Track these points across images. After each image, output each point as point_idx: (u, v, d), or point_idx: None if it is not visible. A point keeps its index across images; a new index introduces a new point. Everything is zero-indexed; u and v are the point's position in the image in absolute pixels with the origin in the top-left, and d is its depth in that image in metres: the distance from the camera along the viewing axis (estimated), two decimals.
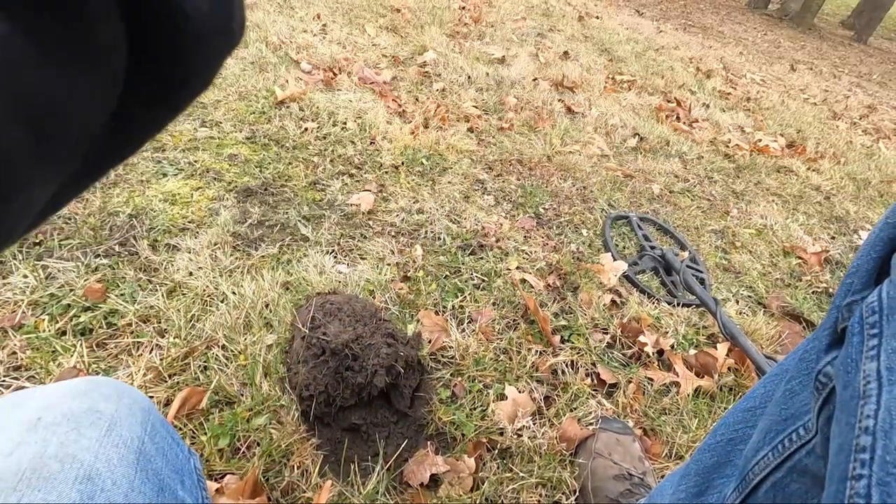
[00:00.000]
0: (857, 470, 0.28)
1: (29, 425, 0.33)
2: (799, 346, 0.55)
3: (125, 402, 0.38)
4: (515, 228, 1.41)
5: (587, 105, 2.39)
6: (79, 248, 1.00)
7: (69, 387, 0.37)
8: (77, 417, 0.34)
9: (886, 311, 0.33)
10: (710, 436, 0.60)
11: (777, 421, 0.53)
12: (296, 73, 1.90)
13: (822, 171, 2.36)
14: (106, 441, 0.34)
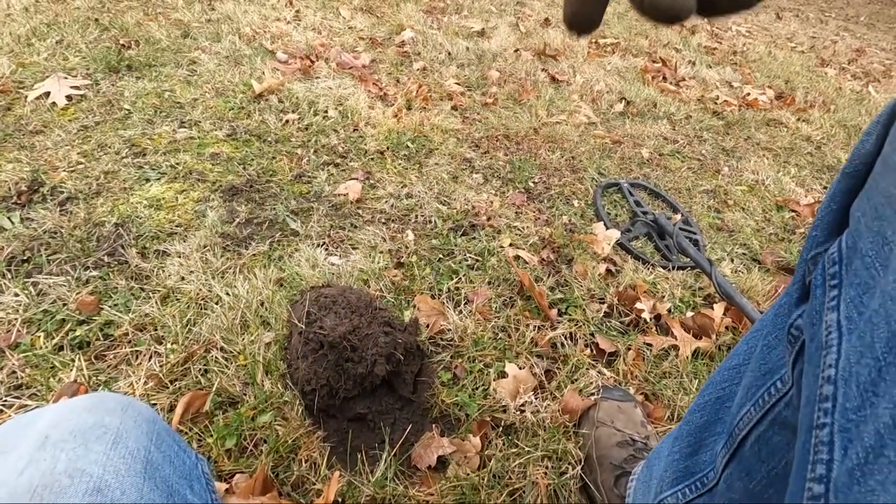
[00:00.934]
0: (821, 419, 0.29)
1: (38, 444, 0.34)
2: (776, 301, 0.55)
3: (130, 414, 0.39)
4: (506, 205, 1.40)
5: (571, 73, 2.35)
6: (67, 262, 0.99)
7: (74, 404, 0.38)
8: (84, 433, 0.35)
9: (845, 262, 0.33)
10: (700, 396, 0.61)
11: (757, 376, 0.53)
12: (272, 63, 1.86)
13: (811, 121, 2.34)
14: (113, 453, 0.35)
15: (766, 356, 0.53)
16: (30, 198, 1.12)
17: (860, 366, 0.27)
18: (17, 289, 0.92)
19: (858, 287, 0.31)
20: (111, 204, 1.14)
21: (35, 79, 1.51)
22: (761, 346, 0.54)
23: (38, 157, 1.23)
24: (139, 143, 1.34)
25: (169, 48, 1.83)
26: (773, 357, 0.52)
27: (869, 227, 0.30)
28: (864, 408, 0.26)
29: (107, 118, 1.41)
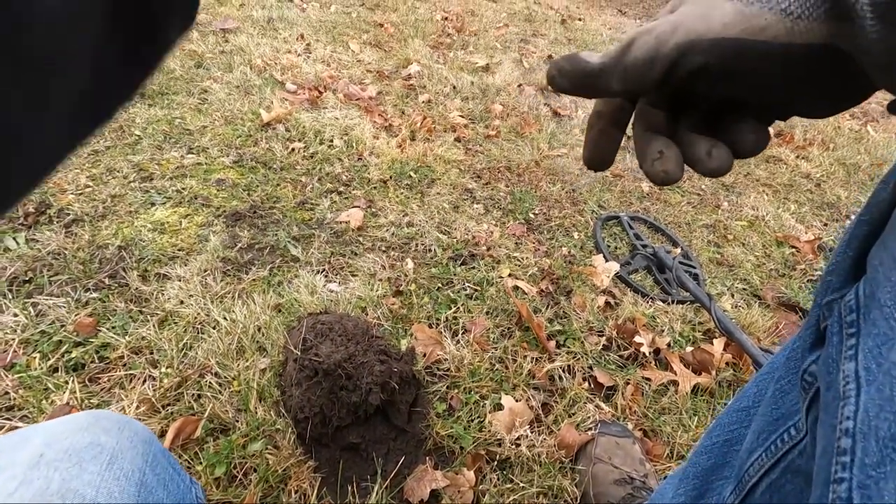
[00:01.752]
0: (838, 473, 0.28)
1: (31, 463, 0.33)
2: (787, 343, 0.55)
3: (126, 434, 0.38)
4: (506, 235, 1.41)
5: (574, 107, 2.40)
6: (68, 284, 1.00)
7: (71, 422, 0.37)
8: (79, 452, 0.35)
9: (863, 310, 0.33)
10: (706, 437, 0.60)
11: (769, 421, 0.52)
12: (281, 93, 1.91)
13: (811, 159, 2.36)
14: (107, 475, 0.35)
15: (778, 401, 0.52)
16: (36, 219, 1.14)
17: (879, 419, 0.27)
18: (17, 309, 0.92)
19: (877, 338, 0.30)
20: (116, 227, 1.16)
21: None
22: (773, 390, 0.53)
23: (48, 180, 1.26)
24: (147, 167, 1.37)
25: (182, 77, 1.89)
26: (786, 402, 0.51)
27: (888, 278, 0.30)
28: (883, 464, 0.25)
29: (117, 143, 1.44)
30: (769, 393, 0.54)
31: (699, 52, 0.24)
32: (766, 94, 0.26)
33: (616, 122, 0.31)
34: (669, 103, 0.30)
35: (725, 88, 0.26)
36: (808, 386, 0.43)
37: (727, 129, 0.28)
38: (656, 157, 0.28)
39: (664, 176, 0.28)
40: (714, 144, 0.27)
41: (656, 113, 0.30)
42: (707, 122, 0.29)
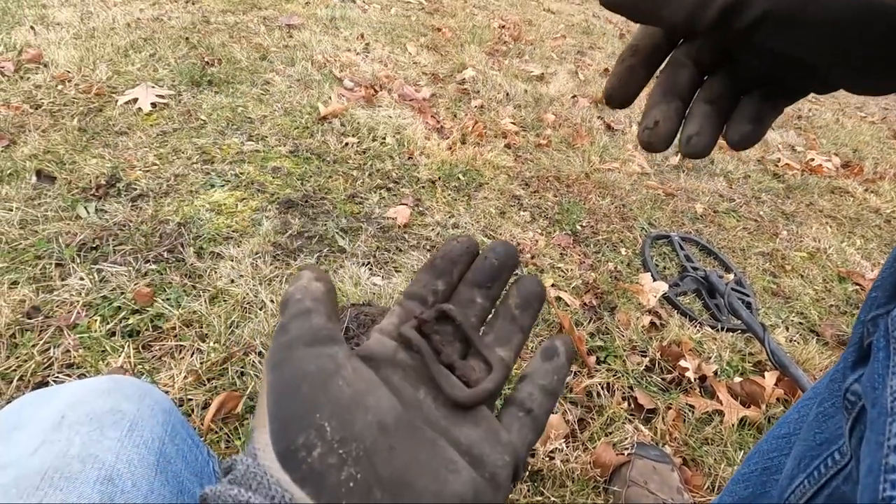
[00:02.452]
0: (887, 491, 0.26)
1: (53, 424, 0.33)
2: (830, 368, 0.52)
3: (147, 402, 0.38)
4: (551, 245, 1.39)
5: (627, 122, 2.35)
6: (131, 254, 1.05)
7: (93, 385, 0.37)
8: (100, 417, 0.35)
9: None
10: (744, 465, 0.57)
11: (811, 446, 0.49)
12: (338, 90, 1.96)
13: (881, 193, 2.22)
14: (127, 442, 0.35)
15: (821, 424, 0.50)
16: (106, 191, 1.20)
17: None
18: (84, 273, 0.98)
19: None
20: (177, 204, 1.21)
21: (126, 86, 1.65)
22: (815, 414, 0.51)
23: (120, 156, 1.33)
24: (209, 151, 1.43)
25: (247, 68, 1.96)
26: (829, 426, 0.48)
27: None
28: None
29: (184, 126, 1.51)
30: (811, 417, 0.51)
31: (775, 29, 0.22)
32: (824, 55, 0.24)
33: (648, 62, 0.29)
34: (711, 56, 0.27)
35: (784, 42, 0.23)
36: (851, 406, 0.40)
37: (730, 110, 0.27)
38: (650, 126, 0.27)
39: (647, 144, 0.27)
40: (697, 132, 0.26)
41: (685, 69, 0.28)
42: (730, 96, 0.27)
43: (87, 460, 0.32)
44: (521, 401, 0.25)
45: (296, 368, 0.21)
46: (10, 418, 0.35)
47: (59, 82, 1.60)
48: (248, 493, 0.18)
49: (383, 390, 0.22)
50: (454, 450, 0.21)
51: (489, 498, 0.21)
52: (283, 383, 0.20)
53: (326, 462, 0.18)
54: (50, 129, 1.38)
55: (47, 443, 0.32)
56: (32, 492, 0.29)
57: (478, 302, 0.27)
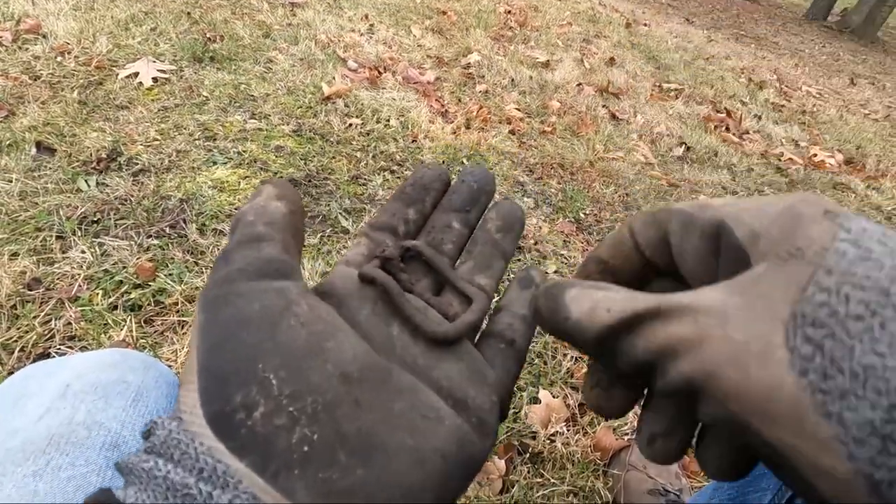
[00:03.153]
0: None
1: (58, 393, 0.33)
2: None
3: (152, 374, 0.38)
4: (555, 232, 1.38)
5: (632, 112, 2.34)
6: (133, 228, 1.04)
7: (98, 357, 0.37)
8: (105, 387, 0.35)
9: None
10: None
11: None
12: (342, 70, 1.93)
13: (883, 191, 2.22)
14: (132, 411, 0.34)
15: None
16: (107, 165, 1.19)
17: None
18: (85, 246, 0.97)
19: None
20: (179, 180, 1.20)
21: (127, 59, 1.62)
22: None
23: (120, 130, 1.31)
24: (212, 128, 1.41)
25: (250, 46, 1.93)
26: None
27: None
28: None
29: (186, 102, 1.49)
30: None
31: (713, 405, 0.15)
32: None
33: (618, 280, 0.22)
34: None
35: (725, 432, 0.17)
36: None
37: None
38: (589, 388, 0.21)
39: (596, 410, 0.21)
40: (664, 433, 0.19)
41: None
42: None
43: (92, 427, 0.32)
44: (500, 332, 0.22)
45: (235, 308, 0.17)
46: (15, 387, 0.35)
47: (58, 54, 1.57)
48: (167, 466, 0.14)
49: (347, 331, 0.18)
50: (435, 394, 0.18)
51: (476, 448, 0.18)
52: (218, 327, 0.16)
53: (272, 423, 0.15)
54: (49, 101, 1.36)
55: (53, 410, 0.32)
56: (39, 455, 0.29)
57: (455, 227, 0.25)
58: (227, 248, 0.19)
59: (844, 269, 0.14)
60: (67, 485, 0.29)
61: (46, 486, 0.28)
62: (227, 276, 0.18)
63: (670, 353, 0.15)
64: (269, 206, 0.20)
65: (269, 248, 0.19)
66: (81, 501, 0.29)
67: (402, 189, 0.25)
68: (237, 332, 0.16)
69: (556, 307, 0.18)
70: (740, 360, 0.14)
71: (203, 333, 0.16)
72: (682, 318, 0.15)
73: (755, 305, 0.14)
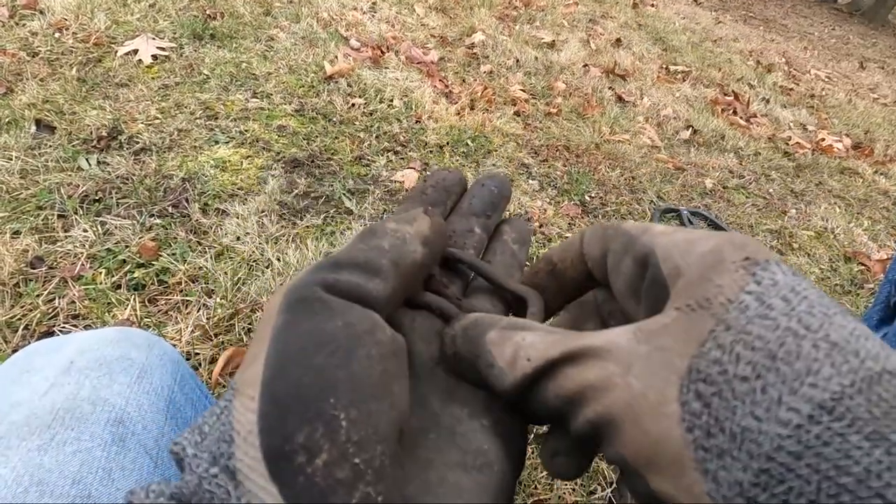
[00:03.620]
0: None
1: (63, 368, 0.33)
2: None
3: (156, 352, 0.38)
4: (560, 215, 1.37)
5: (639, 94, 2.31)
6: (135, 208, 1.03)
7: (102, 335, 0.37)
8: (109, 364, 0.34)
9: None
10: None
11: None
12: (345, 49, 1.90)
13: (890, 176, 2.20)
14: (137, 387, 0.34)
15: None
16: (108, 143, 1.17)
17: None
18: (87, 225, 0.96)
19: None
20: (181, 159, 1.18)
21: (126, 36, 1.59)
22: None
23: (121, 108, 1.29)
24: (213, 106, 1.39)
25: (251, 23, 1.90)
26: None
27: None
28: None
29: (186, 80, 1.47)
30: None
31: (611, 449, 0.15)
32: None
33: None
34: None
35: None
36: None
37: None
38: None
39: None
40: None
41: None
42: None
43: (97, 402, 0.32)
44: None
45: (319, 319, 0.14)
46: (19, 363, 0.35)
47: (56, 30, 1.54)
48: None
49: (406, 376, 0.16)
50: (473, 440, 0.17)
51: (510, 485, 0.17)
52: (297, 337, 0.14)
53: (334, 476, 0.12)
54: (48, 79, 1.34)
55: (57, 385, 0.32)
56: (44, 430, 0.29)
57: (476, 232, 0.24)
58: (340, 257, 0.17)
59: (741, 326, 0.13)
60: (73, 459, 0.29)
61: (52, 459, 0.28)
62: (325, 281, 0.15)
63: (579, 398, 0.15)
64: (409, 245, 0.18)
65: (376, 286, 0.16)
66: (87, 475, 0.29)
67: (421, 190, 0.24)
68: (314, 349, 0.14)
69: (479, 353, 0.17)
70: (636, 409, 0.14)
71: (278, 340, 0.14)
72: (592, 363, 0.15)
73: (657, 356, 0.14)
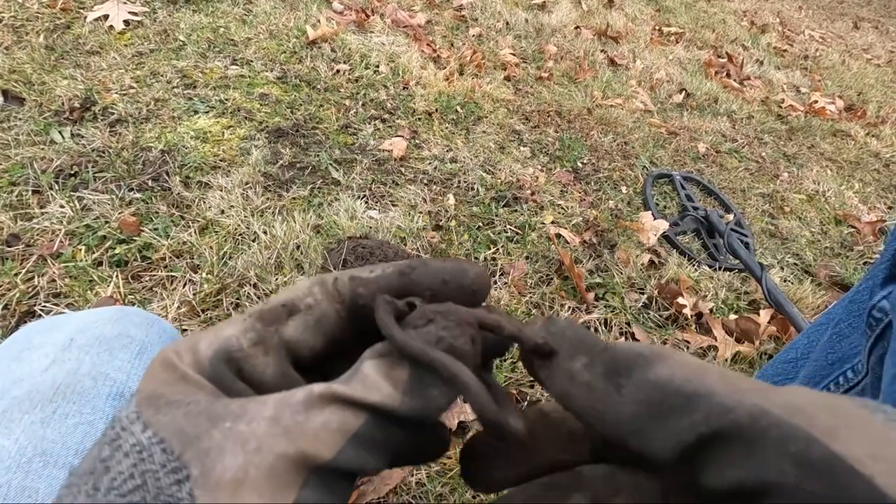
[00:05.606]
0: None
1: (63, 345, 0.34)
2: (849, 291, 0.51)
3: (154, 329, 0.38)
4: (552, 182, 1.35)
5: (631, 57, 2.25)
6: (113, 182, 0.99)
7: (101, 313, 0.37)
8: (109, 341, 0.35)
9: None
10: None
11: (823, 366, 0.50)
12: (327, 12, 1.82)
13: (882, 138, 2.19)
14: (137, 363, 0.35)
15: (835, 345, 0.50)
16: (81, 115, 1.12)
17: None
18: (63, 201, 0.92)
19: None
20: (159, 131, 1.14)
21: (95, 1, 1.51)
22: (830, 335, 0.51)
23: (93, 77, 1.23)
24: (191, 74, 1.33)
25: None
26: (843, 346, 0.48)
27: None
28: None
29: (161, 47, 1.40)
30: (824, 339, 0.51)
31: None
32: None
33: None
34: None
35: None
36: (876, 322, 0.40)
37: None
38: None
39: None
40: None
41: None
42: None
43: (98, 378, 0.32)
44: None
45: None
46: (19, 341, 0.35)
47: None
48: None
49: None
50: None
51: None
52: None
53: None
54: (14, 47, 1.27)
55: (58, 361, 0.33)
56: (46, 404, 0.30)
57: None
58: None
59: None
60: (75, 431, 0.30)
61: (54, 432, 0.29)
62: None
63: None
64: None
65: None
66: (90, 446, 0.29)
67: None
68: None
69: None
70: None
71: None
72: None
73: None
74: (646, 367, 0.13)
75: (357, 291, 0.16)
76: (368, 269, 0.16)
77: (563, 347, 0.15)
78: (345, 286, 0.16)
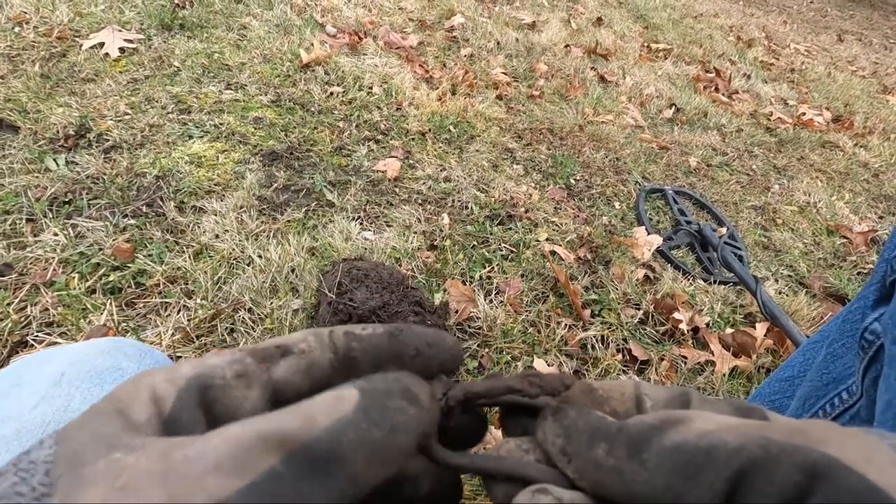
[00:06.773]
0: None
1: (53, 381, 0.33)
2: (842, 310, 0.51)
3: (147, 361, 0.38)
4: (545, 199, 1.36)
5: (621, 74, 2.29)
6: (107, 208, 0.99)
7: (93, 346, 0.37)
8: (101, 374, 0.34)
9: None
10: None
11: (818, 386, 0.49)
12: (321, 36, 1.85)
13: (870, 148, 2.22)
14: None
15: (829, 365, 0.49)
16: (76, 142, 1.13)
17: None
18: (57, 228, 0.92)
19: None
20: (154, 156, 1.14)
21: (91, 29, 1.53)
22: (824, 355, 0.50)
23: (88, 104, 1.24)
24: (185, 100, 1.35)
25: (221, 11, 1.83)
26: (837, 367, 0.48)
27: None
28: None
29: (156, 73, 1.42)
30: (819, 358, 0.51)
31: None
32: None
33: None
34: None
35: None
36: (868, 345, 0.40)
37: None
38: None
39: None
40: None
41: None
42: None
43: None
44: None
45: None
46: (8, 377, 0.34)
47: (15, 24, 1.47)
48: None
49: None
50: None
51: None
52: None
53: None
54: (9, 76, 1.28)
55: (47, 398, 0.32)
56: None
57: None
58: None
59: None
60: None
61: None
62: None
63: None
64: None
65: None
66: None
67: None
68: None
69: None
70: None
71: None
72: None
73: None
74: (661, 436, 0.14)
75: (351, 345, 0.17)
76: (361, 327, 0.18)
77: (581, 439, 0.16)
78: (340, 339, 0.17)
